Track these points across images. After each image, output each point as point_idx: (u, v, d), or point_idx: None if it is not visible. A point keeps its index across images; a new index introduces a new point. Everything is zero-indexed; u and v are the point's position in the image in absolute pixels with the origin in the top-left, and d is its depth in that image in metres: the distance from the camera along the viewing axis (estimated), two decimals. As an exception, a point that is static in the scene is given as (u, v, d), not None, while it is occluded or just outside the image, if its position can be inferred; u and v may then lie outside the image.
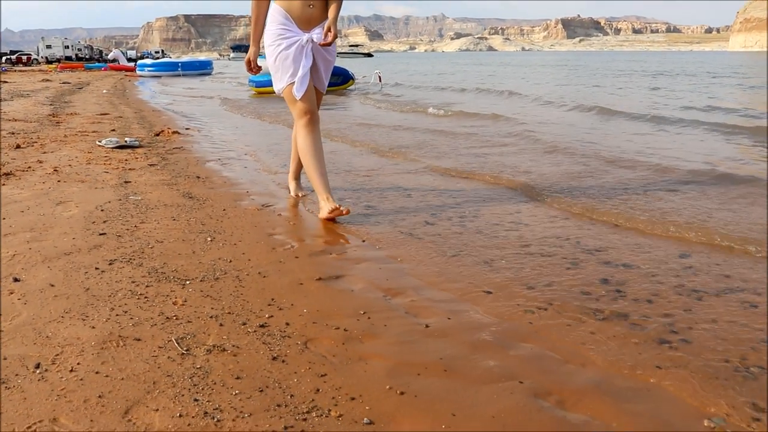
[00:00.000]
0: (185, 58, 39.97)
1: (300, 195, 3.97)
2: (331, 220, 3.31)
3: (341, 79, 16.05)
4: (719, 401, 1.64)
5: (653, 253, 2.83)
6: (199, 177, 4.65)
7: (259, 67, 3.55)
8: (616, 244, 2.97)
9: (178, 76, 31.03)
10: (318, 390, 1.65)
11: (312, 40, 3.38)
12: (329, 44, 3.39)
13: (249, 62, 3.55)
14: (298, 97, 3.38)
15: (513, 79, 23.53)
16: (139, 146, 6.27)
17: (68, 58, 66.83)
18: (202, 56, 50.80)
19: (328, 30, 3.33)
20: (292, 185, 4.08)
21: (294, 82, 3.37)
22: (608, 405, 1.61)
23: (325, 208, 3.33)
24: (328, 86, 3.65)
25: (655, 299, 2.33)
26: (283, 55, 3.36)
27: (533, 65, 42.47)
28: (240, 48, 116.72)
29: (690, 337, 2.02)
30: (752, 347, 1.94)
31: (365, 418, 1.52)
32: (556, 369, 1.79)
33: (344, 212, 3.31)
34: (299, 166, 3.98)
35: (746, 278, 2.53)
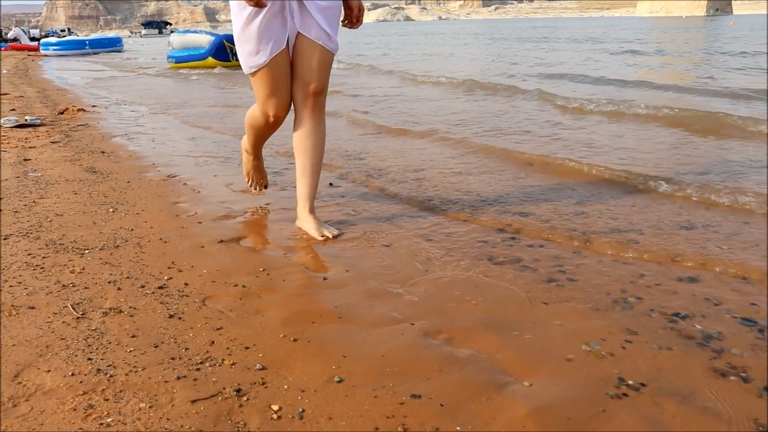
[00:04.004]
0: (93, 36, 38.39)
1: (332, 235, 2.54)
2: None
3: None
4: (597, 328, 1.76)
5: (551, 201, 2.95)
6: (103, 152, 4.54)
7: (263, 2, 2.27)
8: (513, 192, 3.09)
9: (87, 54, 29.85)
10: (213, 342, 1.68)
11: None
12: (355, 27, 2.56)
13: None
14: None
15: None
16: (41, 124, 6.06)
17: (-36, 39, 63.21)
18: (111, 34, 48.73)
19: (352, 10, 2.54)
20: (309, 221, 2.60)
21: (267, 63, 2.41)
22: (494, 339, 1.70)
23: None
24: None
25: (547, 244, 2.45)
26: (253, 23, 2.34)
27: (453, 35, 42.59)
28: (151, 24, 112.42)
29: (576, 275, 2.14)
30: (631, 281, 2.08)
31: (258, 365, 1.56)
32: (447, 310, 1.87)
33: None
34: (309, 188, 2.60)
35: (632, 220, 2.68)
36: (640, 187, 3.16)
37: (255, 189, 3.07)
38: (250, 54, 2.39)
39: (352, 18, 2.53)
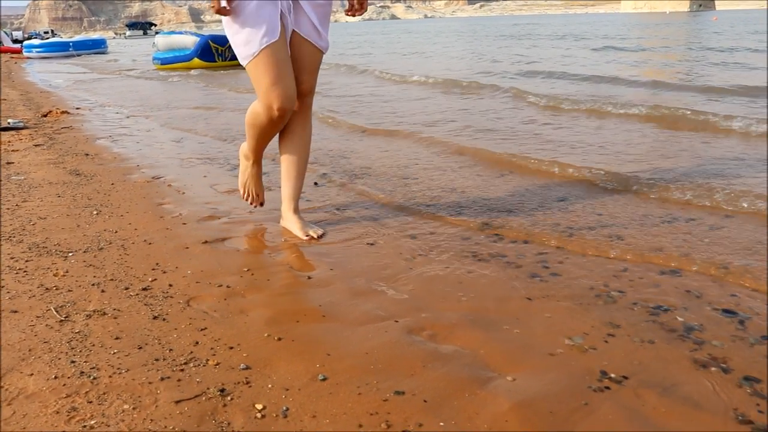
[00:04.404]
0: (77, 38, 38.10)
1: (317, 235, 2.54)
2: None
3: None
4: (580, 323, 1.77)
5: (534, 198, 2.97)
6: (87, 154, 4.52)
7: (227, 10, 2.21)
8: (497, 190, 3.10)
9: (72, 56, 29.65)
10: (197, 343, 1.68)
11: None
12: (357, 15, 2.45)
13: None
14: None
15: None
16: (24, 127, 6.02)
17: (-54, 42, 62.57)
18: (95, 35, 48.50)
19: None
20: (293, 221, 2.61)
21: (265, 48, 2.25)
22: (477, 335, 1.71)
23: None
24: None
25: (531, 239, 2.46)
26: (241, 14, 2.23)
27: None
28: (136, 26, 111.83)
29: (560, 270, 2.15)
30: (614, 275, 2.10)
31: (242, 364, 1.56)
32: (431, 307, 1.88)
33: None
34: (294, 189, 2.60)
35: (615, 214, 2.70)
36: (621, 184, 3.18)
37: (251, 203, 2.77)
38: (243, 44, 2.26)
39: (354, 4, 2.41)
